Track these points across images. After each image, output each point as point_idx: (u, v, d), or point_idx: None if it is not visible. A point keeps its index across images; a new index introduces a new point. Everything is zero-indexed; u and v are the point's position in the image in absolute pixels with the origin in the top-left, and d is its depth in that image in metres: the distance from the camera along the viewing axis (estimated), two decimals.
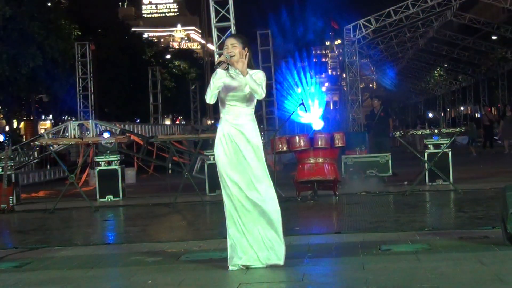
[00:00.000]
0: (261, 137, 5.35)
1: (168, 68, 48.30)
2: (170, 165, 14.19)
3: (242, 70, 5.03)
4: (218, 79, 5.07)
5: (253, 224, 5.01)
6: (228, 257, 5.07)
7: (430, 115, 12.64)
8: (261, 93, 5.05)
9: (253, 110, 5.25)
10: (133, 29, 51.30)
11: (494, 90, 42.53)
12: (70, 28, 25.74)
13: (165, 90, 40.34)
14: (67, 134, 17.87)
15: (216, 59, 5.42)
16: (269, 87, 23.62)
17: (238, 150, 5.09)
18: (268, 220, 5.02)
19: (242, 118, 5.15)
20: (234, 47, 5.15)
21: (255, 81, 5.03)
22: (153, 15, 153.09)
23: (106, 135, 12.43)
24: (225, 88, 5.15)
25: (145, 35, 59.12)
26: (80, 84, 24.97)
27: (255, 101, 5.26)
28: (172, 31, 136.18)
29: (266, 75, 5.21)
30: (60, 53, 24.11)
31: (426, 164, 11.51)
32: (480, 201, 9.20)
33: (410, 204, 9.34)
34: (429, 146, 11.88)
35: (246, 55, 5.08)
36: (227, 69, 5.17)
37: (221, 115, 5.24)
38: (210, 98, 5.12)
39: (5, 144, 11.63)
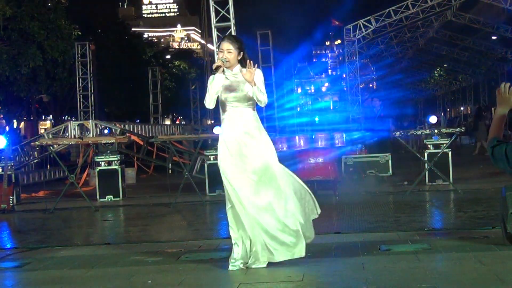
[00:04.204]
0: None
1: (168, 68, 48.26)
2: (170, 165, 14.17)
3: (250, 80, 5.03)
4: (217, 84, 5.07)
5: (257, 225, 5.00)
6: (230, 257, 5.08)
7: (433, 120, 11.68)
8: (264, 101, 5.09)
9: (255, 108, 5.26)
10: (133, 29, 51.23)
11: (494, 90, 42.50)
12: (70, 28, 25.69)
13: (165, 90, 40.31)
14: (67, 134, 17.85)
15: (216, 59, 5.39)
16: (269, 88, 23.71)
17: (243, 150, 5.08)
18: (277, 218, 4.99)
19: (245, 118, 5.15)
20: (230, 53, 5.14)
21: (261, 90, 5.06)
22: (153, 15, 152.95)
23: (106, 132, 12.45)
24: (225, 90, 5.16)
25: (145, 35, 59.09)
26: (80, 84, 24.92)
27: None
28: (172, 31, 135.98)
29: (266, 76, 5.21)
30: (60, 53, 24.09)
31: (426, 164, 11.50)
32: (480, 201, 9.19)
33: (410, 204, 9.33)
34: (429, 146, 11.88)
35: (255, 66, 5.06)
36: (223, 72, 5.16)
37: (223, 117, 5.23)
38: (209, 103, 5.13)
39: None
